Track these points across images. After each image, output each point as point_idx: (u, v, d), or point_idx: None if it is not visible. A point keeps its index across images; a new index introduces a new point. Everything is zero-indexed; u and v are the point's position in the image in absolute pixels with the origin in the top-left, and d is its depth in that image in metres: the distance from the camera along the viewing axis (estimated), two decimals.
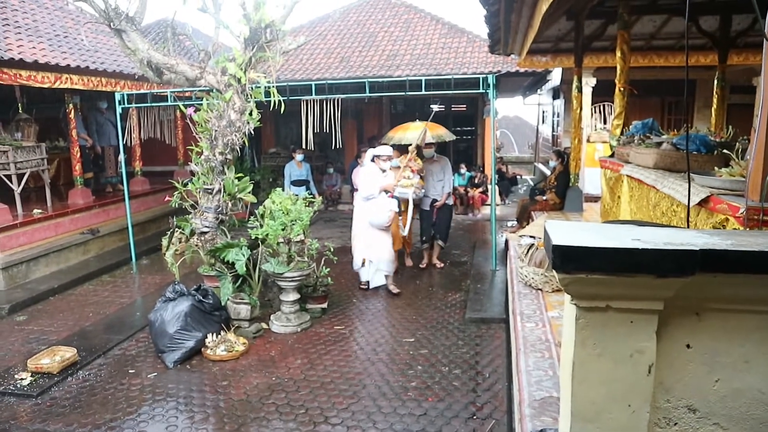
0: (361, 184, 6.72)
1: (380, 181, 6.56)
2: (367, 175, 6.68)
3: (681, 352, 1.75)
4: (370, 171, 6.70)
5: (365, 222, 6.66)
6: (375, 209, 6.52)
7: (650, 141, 4.93)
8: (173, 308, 5.21)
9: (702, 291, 1.67)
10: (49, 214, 8.30)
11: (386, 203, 6.53)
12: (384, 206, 6.50)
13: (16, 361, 5.16)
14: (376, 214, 6.50)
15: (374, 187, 6.52)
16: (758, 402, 1.72)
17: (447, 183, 7.72)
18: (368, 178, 6.61)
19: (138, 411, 4.26)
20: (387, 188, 6.53)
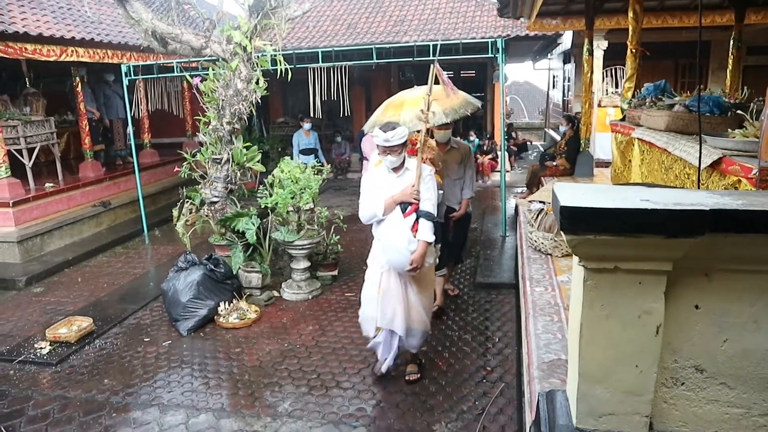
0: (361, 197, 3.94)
1: (386, 189, 3.75)
2: (364, 182, 3.93)
3: (689, 313, 1.75)
4: (369, 176, 3.94)
5: (381, 260, 3.84)
6: (387, 238, 3.72)
7: (662, 103, 4.84)
8: (185, 278, 5.28)
9: (712, 251, 1.66)
10: (61, 188, 8.36)
11: (403, 228, 3.67)
12: (400, 233, 3.66)
13: (35, 331, 5.28)
14: (389, 247, 3.71)
15: (375, 203, 3.73)
16: (766, 362, 1.73)
17: (468, 183, 5.19)
18: (366, 187, 3.87)
19: (154, 377, 4.35)
20: (403, 200, 3.69)
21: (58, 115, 10.10)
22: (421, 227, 3.64)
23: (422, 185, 3.68)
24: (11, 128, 7.70)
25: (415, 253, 3.59)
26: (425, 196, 3.69)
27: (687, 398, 1.81)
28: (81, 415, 3.87)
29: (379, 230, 3.79)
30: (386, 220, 3.70)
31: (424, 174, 3.72)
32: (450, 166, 5.07)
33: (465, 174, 5.19)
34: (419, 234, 3.63)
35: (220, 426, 3.67)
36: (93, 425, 3.74)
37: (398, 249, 3.62)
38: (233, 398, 4.02)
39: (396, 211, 3.69)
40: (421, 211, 3.65)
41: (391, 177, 3.76)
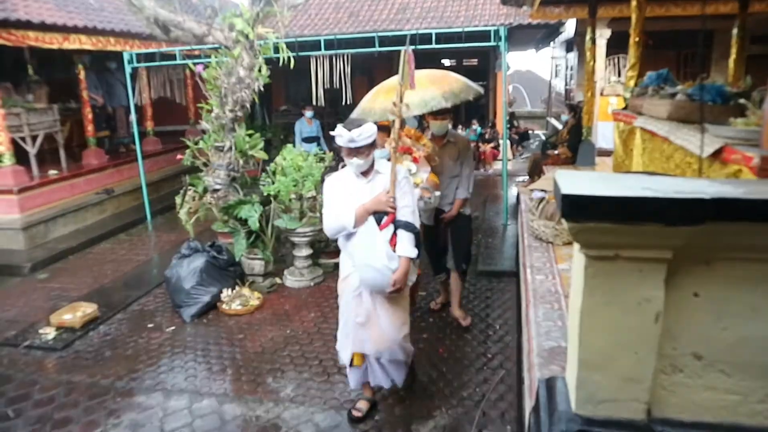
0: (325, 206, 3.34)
1: (354, 196, 3.22)
2: (327, 189, 3.35)
3: (689, 301, 1.77)
4: (332, 182, 3.36)
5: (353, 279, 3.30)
6: (362, 256, 3.17)
7: (664, 92, 4.82)
8: (189, 264, 5.31)
9: (712, 240, 1.67)
10: (65, 175, 8.38)
11: (380, 243, 3.14)
12: (377, 249, 3.13)
13: (40, 316, 5.32)
14: (364, 266, 3.15)
15: (343, 213, 3.18)
16: (764, 350, 1.74)
17: (465, 181, 4.63)
18: (330, 194, 3.31)
19: (158, 363, 4.40)
20: (377, 209, 3.17)
21: (62, 103, 10.09)
22: (401, 240, 3.15)
23: (398, 191, 3.18)
24: (15, 116, 7.70)
25: (397, 271, 3.10)
26: (403, 203, 3.19)
27: (685, 385, 1.83)
28: (86, 399, 3.92)
29: (350, 246, 3.22)
30: (358, 234, 3.17)
31: (399, 177, 3.21)
32: (445, 163, 4.53)
33: (461, 171, 4.61)
34: (400, 249, 3.14)
35: (223, 411, 3.72)
36: (98, 409, 3.79)
37: (376, 268, 3.07)
38: (236, 383, 4.06)
39: (369, 222, 3.14)
40: (400, 222, 3.16)
41: (359, 182, 3.23)
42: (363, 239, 3.17)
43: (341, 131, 3.08)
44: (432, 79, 4.38)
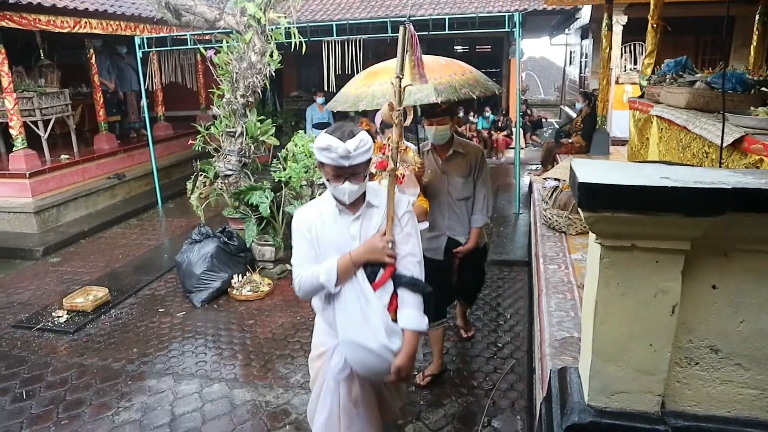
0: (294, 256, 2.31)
1: (336, 240, 2.22)
2: (296, 230, 2.29)
3: (706, 293, 1.73)
4: (302, 218, 2.29)
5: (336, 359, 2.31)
6: (349, 329, 2.20)
7: (683, 80, 4.74)
8: (199, 250, 5.33)
9: (732, 231, 1.63)
10: (76, 160, 8.42)
11: (374, 311, 2.16)
12: (371, 320, 2.16)
13: (52, 300, 5.37)
14: (353, 345, 2.19)
15: (322, 267, 2.18)
16: None
17: (481, 202, 3.60)
18: (299, 240, 2.28)
19: (168, 347, 4.43)
20: (371, 258, 2.18)
21: (73, 88, 10.13)
22: (406, 306, 2.18)
23: (398, 232, 2.21)
24: (27, 100, 7.73)
25: (402, 354, 2.12)
26: (406, 250, 2.21)
27: (701, 378, 1.80)
28: (98, 382, 3.96)
29: (331, 312, 2.24)
30: (342, 296, 2.17)
31: (400, 210, 2.24)
32: (453, 181, 3.52)
33: (476, 191, 3.57)
34: (404, 319, 2.16)
35: (233, 396, 3.74)
36: (109, 392, 3.83)
37: (370, 349, 2.11)
38: (246, 369, 4.08)
39: (359, 279, 2.15)
40: (402, 278, 2.19)
41: (344, 220, 2.20)
42: (350, 305, 2.16)
43: (330, 141, 2.03)
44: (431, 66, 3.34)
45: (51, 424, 3.50)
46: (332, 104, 3.60)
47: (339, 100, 3.55)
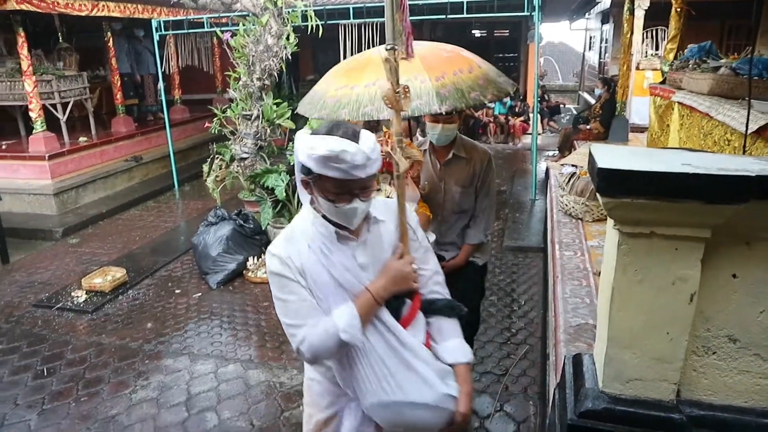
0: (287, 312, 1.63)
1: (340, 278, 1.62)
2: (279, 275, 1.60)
3: (726, 282, 1.71)
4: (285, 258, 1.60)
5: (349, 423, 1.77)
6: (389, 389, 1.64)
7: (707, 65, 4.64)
8: (215, 232, 5.37)
9: (755, 219, 1.60)
10: (94, 142, 8.50)
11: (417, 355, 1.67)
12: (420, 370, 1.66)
13: (71, 280, 5.46)
14: (404, 410, 1.65)
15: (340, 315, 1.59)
16: None
17: (482, 219, 3.04)
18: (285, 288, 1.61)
19: (185, 328, 4.49)
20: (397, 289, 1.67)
21: (91, 71, 10.20)
22: (446, 335, 1.78)
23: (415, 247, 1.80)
24: (46, 83, 7.80)
25: (462, 397, 1.71)
26: (430, 269, 1.83)
27: (717, 368, 1.78)
28: (116, 360, 4.03)
29: (353, 372, 1.69)
30: (368, 346, 1.64)
31: (412, 221, 1.81)
32: (450, 190, 2.98)
33: (477, 204, 2.99)
34: (449, 352, 1.75)
35: (248, 376, 3.78)
36: (127, 371, 3.90)
37: (425, 404, 1.66)
38: (261, 350, 4.13)
39: (384, 318, 1.65)
40: (436, 303, 1.78)
41: (345, 248, 1.65)
42: (381, 356, 1.63)
43: (340, 145, 1.47)
44: (431, 60, 2.71)
45: (71, 400, 3.58)
46: (305, 109, 2.88)
47: (314, 103, 2.83)
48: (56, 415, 3.44)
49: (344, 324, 1.56)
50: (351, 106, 2.64)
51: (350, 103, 2.65)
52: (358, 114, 2.60)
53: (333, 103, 2.71)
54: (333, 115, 2.64)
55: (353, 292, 1.62)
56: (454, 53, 2.86)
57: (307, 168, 1.53)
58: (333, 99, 2.73)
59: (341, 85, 2.79)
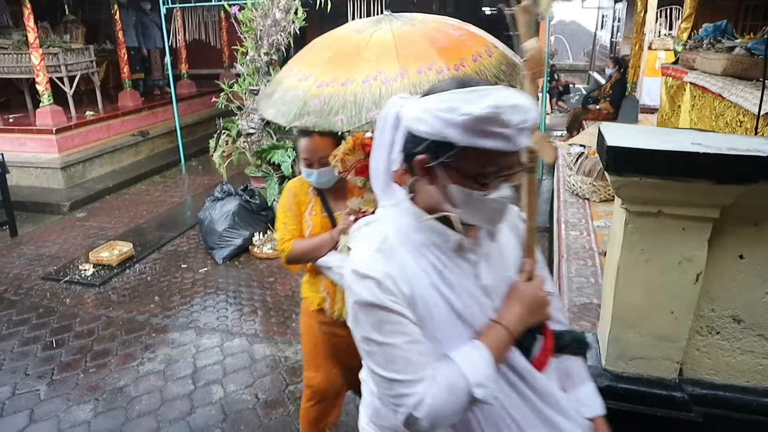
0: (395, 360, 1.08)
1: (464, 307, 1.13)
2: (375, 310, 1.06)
3: (733, 262, 1.71)
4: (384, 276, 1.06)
5: None
6: None
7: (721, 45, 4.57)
8: (221, 207, 5.38)
9: (764, 200, 1.59)
10: (101, 116, 8.49)
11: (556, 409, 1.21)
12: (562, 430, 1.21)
13: (79, 253, 5.50)
14: None
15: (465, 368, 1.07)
16: None
17: None
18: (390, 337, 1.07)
19: (191, 302, 4.53)
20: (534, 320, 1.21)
21: (97, 44, 10.15)
22: (578, 379, 1.36)
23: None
24: (52, 56, 7.76)
25: None
26: (549, 290, 1.31)
27: (721, 347, 1.79)
28: (123, 333, 4.08)
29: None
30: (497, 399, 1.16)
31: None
32: None
33: None
34: (585, 402, 1.34)
35: (253, 350, 3.82)
36: (134, 343, 3.94)
37: None
38: (266, 325, 4.16)
39: (515, 361, 1.18)
40: (563, 337, 1.30)
41: (464, 263, 1.16)
42: (510, 412, 1.19)
43: (512, 98, 1.01)
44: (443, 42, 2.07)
45: (80, 371, 3.63)
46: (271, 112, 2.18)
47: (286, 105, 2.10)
48: (65, 385, 3.49)
49: (478, 375, 1.07)
50: (348, 110, 1.95)
51: (346, 106, 1.95)
52: (359, 120, 1.94)
53: (318, 105, 2.01)
54: (323, 123, 1.97)
55: (474, 327, 1.13)
56: (464, 31, 2.22)
57: (437, 142, 1.02)
58: (318, 100, 2.01)
59: (326, 80, 2.03)
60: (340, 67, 2.04)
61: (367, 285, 1.06)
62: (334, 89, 1.99)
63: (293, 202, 2.28)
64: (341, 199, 2.27)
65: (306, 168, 2.20)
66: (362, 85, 1.96)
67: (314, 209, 2.27)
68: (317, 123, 1.98)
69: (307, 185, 2.29)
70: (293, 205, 2.28)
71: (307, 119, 2.00)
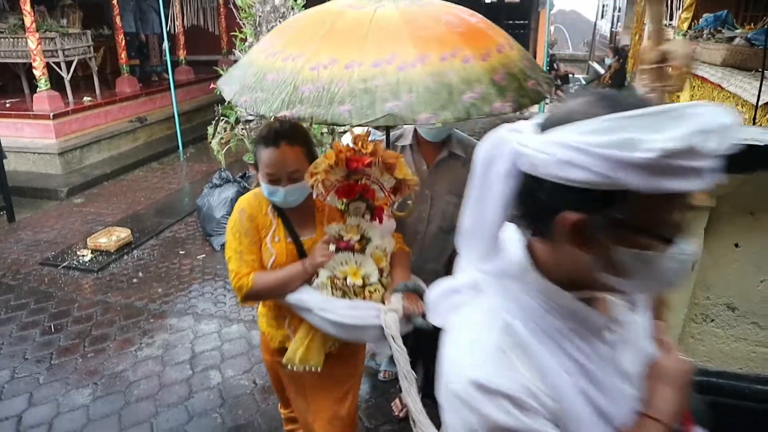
0: None
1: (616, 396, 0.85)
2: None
3: (728, 251, 1.72)
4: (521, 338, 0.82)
5: None
6: None
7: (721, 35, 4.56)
8: (220, 194, 5.38)
9: (761, 189, 1.60)
10: (98, 102, 8.44)
11: None
12: None
13: (77, 239, 5.51)
14: None
15: None
16: None
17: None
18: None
19: (189, 288, 4.54)
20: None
21: (94, 29, 10.07)
22: None
23: None
24: (49, 40, 7.71)
25: None
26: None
27: (715, 335, 1.81)
28: (121, 319, 4.09)
29: None
30: None
31: None
32: (440, 201, 2.33)
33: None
34: None
35: (251, 336, 3.84)
36: (133, 329, 3.96)
37: None
38: None
39: None
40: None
41: (599, 352, 0.85)
42: None
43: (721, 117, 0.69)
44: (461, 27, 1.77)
45: (78, 356, 3.65)
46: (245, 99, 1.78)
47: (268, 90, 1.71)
48: (64, 370, 3.51)
49: None
50: (357, 99, 1.58)
51: (354, 95, 1.58)
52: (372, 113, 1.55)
53: (314, 92, 1.62)
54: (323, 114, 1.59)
55: (614, 423, 0.86)
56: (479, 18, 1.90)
57: (599, 192, 0.71)
58: (312, 85, 1.63)
59: (323, 61, 1.66)
60: (340, 47, 1.68)
61: (501, 405, 0.77)
62: (335, 73, 1.62)
63: (249, 227, 1.86)
64: (307, 220, 1.93)
65: (270, 184, 1.79)
66: (372, 69, 1.61)
67: (277, 234, 1.87)
68: (315, 114, 1.59)
69: (265, 204, 1.90)
70: (250, 230, 1.86)
71: (300, 109, 1.61)
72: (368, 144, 1.83)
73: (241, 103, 1.78)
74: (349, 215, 1.90)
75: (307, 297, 1.80)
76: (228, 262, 1.90)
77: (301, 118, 1.62)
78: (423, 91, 1.55)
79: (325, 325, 1.78)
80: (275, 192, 1.81)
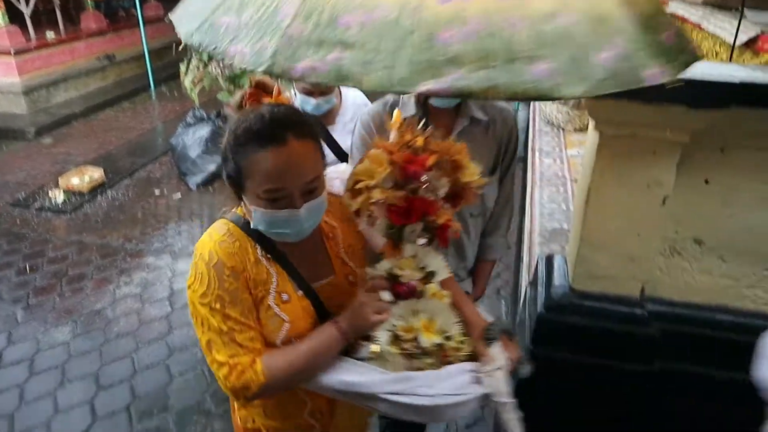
0: None
1: None
2: None
3: (698, 186, 1.76)
4: None
5: None
6: None
7: None
8: (194, 133, 5.29)
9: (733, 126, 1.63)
10: (63, 38, 8.06)
11: None
12: None
13: (47, 180, 5.38)
14: None
15: None
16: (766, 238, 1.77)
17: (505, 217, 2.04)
18: None
19: (165, 227, 4.52)
20: None
21: None
22: None
23: None
24: None
25: None
26: None
27: (682, 268, 1.87)
28: (98, 258, 4.07)
29: None
30: None
31: None
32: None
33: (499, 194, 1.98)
34: None
35: None
36: (109, 267, 3.95)
37: None
38: None
39: None
40: None
41: None
42: None
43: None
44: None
45: (56, 295, 3.64)
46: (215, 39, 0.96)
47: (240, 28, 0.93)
48: (42, 309, 3.51)
49: None
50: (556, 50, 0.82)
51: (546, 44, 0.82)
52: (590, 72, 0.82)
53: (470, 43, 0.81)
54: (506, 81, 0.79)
55: None
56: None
57: None
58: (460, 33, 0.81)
59: None
60: None
61: None
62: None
63: (236, 288, 1.15)
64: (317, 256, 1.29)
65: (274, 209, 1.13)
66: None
67: (282, 289, 1.20)
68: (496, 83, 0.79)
69: (250, 246, 1.21)
70: (238, 293, 1.15)
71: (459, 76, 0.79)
72: (419, 134, 1.19)
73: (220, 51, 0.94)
74: (405, 243, 1.24)
75: (361, 379, 1.15)
76: (208, 350, 1.15)
77: (474, 94, 0.80)
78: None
79: (400, 412, 1.15)
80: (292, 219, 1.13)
